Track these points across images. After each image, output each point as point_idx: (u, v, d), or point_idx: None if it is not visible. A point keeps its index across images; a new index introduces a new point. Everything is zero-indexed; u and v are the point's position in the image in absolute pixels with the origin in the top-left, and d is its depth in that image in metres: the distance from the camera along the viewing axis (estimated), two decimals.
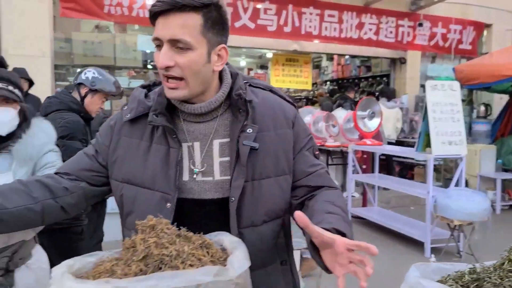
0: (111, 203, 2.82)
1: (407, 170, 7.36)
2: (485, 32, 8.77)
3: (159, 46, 1.09)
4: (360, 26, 7.64)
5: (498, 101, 7.91)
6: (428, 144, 4.43)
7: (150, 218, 0.99)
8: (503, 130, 6.95)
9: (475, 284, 1.03)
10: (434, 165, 6.88)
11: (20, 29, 5.60)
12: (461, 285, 1.06)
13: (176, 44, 1.06)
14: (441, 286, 1.04)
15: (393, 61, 8.45)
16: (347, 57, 10.08)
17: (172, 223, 1.01)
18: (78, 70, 2.89)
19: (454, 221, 3.94)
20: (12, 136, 1.70)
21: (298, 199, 1.21)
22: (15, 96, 1.71)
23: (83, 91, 2.72)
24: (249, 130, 1.14)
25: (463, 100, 7.53)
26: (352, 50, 7.96)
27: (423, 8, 7.81)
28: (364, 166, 5.80)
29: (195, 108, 1.16)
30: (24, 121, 1.75)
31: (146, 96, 1.22)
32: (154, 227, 0.97)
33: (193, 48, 1.07)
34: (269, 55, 9.11)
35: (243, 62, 13.85)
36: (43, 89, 5.36)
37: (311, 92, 11.68)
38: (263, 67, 13.50)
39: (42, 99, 2.70)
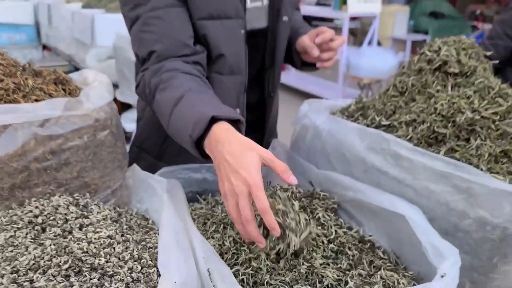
0: None
1: None
2: None
3: None
4: None
5: None
6: (344, 1, 4.32)
7: None
8: None
9: (359, 113, 1.01)
10: (352, 29, 6.91)
11: None
12: (346, 115, 1.04)
13: None
14: (328, 117, 1.01)
15: None
16: None
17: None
18: None
19: (363, 79, 4.07)
20: None
21: None
22: None
23: None
24: None
25: None
26: None
27: None
28: None
29: None
30: None
31: None
32: None
33: None
34: None
35: None
36: None
37: None
38: None
39: None
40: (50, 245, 0.63)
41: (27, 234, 0.67)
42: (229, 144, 0.70)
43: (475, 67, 0.90)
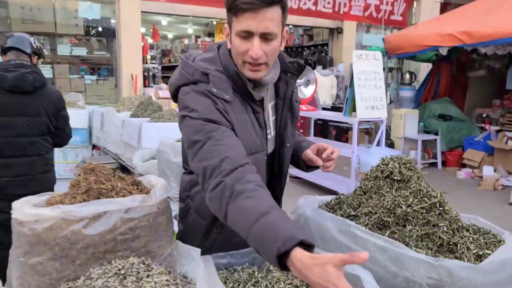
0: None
1: (342, 134, 7.93)
2: (415, 4, 9.34)
3: (245, 37, 1.18)
4: None
5: (425, 69, 8.59)
6: (354, 108, 4.91)
7: (90, 162, 1.29)
8: (426, 96, 7.63)
9: (337, 206, 1.43)
10: (366, 129, 7.49)
11: None
12: (328, 208, 1.45)
13: (266, 36, 1.18)
14: (314, 209, 1.43)
15: (331, 31, 8.87)
16: (290, 26, 10.36)
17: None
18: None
19: None
20: None
21: None
22: None
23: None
24: (295, 90, 1.47)
25: (393, 68, 8.14)
26: (293, 20, 8.20)
27: None
28: (301, 131, 6.26)
29: (267, 80, 1.34)
30: None
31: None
32: (94, 169, 1.27)
33: (276, 37, 1.20)
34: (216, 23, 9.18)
35: (190, 30, 13.70)
36: None
37: None
38: (210, 34, 13.47)
39: None
40: (131, 285, 1.03)
41: (114, 280, 1.07)
42: (311, 268, 0.87)
43: (411, 176, 1.32)
